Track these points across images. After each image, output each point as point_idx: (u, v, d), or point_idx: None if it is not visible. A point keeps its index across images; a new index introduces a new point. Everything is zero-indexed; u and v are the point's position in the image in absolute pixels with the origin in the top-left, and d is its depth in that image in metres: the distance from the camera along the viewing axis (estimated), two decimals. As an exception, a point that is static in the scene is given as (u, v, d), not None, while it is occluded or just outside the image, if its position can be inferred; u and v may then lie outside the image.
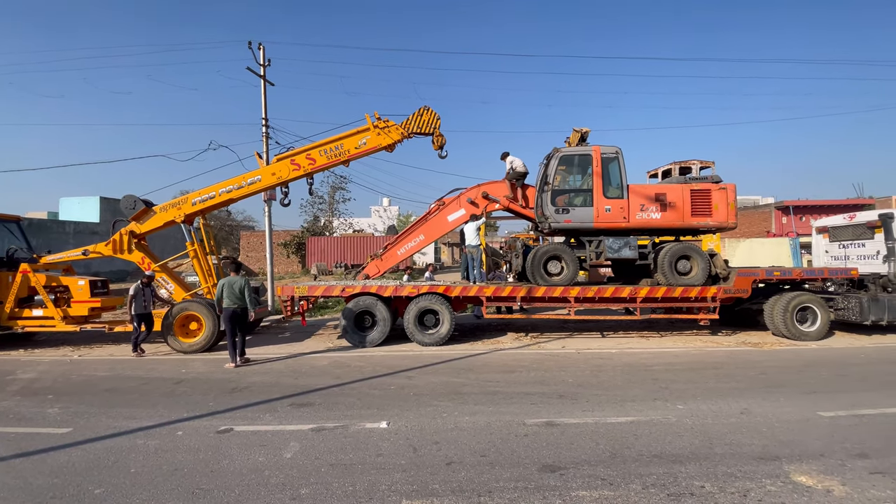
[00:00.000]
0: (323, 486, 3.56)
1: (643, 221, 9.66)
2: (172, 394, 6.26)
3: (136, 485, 3.64)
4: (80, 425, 5.02)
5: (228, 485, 3.61)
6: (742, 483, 3.53)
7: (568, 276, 9.65)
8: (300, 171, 9.99)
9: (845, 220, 10.95)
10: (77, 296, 9.86)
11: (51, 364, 8.37)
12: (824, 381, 6.43)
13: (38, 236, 24.42)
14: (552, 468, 3.81)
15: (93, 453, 4.28)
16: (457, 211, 10.71)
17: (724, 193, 9.76)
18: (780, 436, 4.45)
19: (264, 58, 14.81)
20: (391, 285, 9.74)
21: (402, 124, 9.95)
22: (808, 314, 9.46)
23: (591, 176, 9.71)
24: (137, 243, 10.06)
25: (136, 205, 9.87)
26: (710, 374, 6.89)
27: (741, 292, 9.54)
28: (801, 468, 3.76)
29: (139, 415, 5.33)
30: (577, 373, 7.04)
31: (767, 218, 31.81)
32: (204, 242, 10.29)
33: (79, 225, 30.07)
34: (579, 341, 9.65)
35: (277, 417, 5.18)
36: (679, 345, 9.19)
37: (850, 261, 10.62)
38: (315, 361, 8.16)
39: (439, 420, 5.00)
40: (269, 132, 14.68)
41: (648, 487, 3.47)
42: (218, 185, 10.05)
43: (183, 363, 8.21)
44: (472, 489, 3.48)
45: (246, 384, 6.65)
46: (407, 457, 4.07)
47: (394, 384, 6.55)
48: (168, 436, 4.68)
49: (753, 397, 5.65)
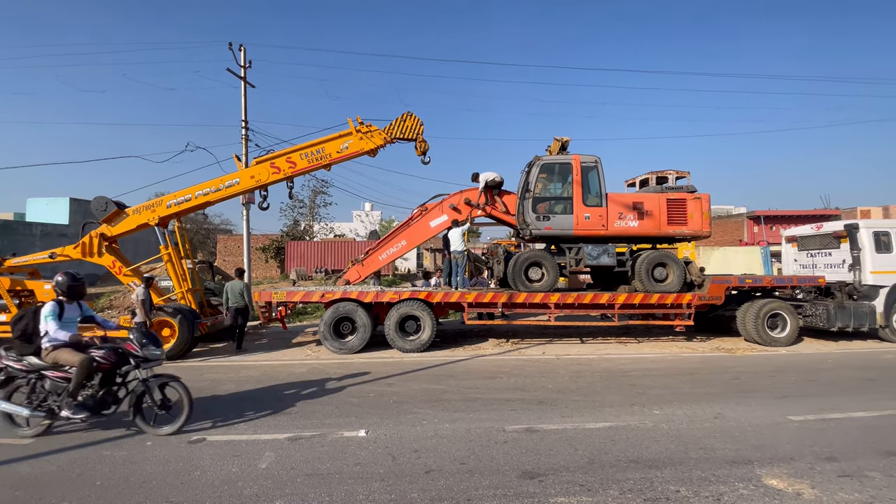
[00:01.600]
0: (298, 496, 3.48)
1: (621, 229, 9.84)
2: (143, 402, 6.04)
3: (103, 498, 3.49)
4: (43, 436, 4.79)
5: (199, 497, 3.49)
6: (716, 487, 3.59)
7: (548, 283, 9.75)
8: (280, 174, 9.85)
9: (813, 230, 11.35)
10: (43, 300, 9.47)
11: (13, 372, 7.99)
12: (794, 386, 6.63)
13: (3, 238, 23.44)
14: (531, 475, 3.81)
15: (56, 465, 4.10)
16: (439, 217, 10.72)
17: (698, 203, 10.02)
18: (752, 440, 4.55)
19: (245, 59, 14.64)
20: (372, 291, 9.66)
21: (385, 129, 9.93)
22: (778, 321, 9.76)
23: (571, 184, 9.86)
24: (108, 246, 9.74)
25: (107, 206, 9.57)
26: (685, 379, 7.03)
27: (715, 299, 9.79)
28: (772, 472, 3.85)
29: (106, 424, 5.11)
30: (556, 379, 7.09)
31: (740, 227, 32.78)
32: (179, 246, 10.03)
33: (47, 227, 28.93)
34: (559, 347, 9.73)
35: (252, 426, 5.05)
36: (656, 350, 9.36)
37: (817, 269, 11.00)
38: (292, 368, 8.01)
39: (419, 427, 4.95)
40: (248, 134, 14.47)
41: (626, 493, 3.50)
42: (195, 187, 9.84)
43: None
44: (451, 497, 3.45)
45: (220, 392, 6.47)
46: (385, 465, 4.02)
47: (373, 391, 6.48)
48: (136, 446, 4.51)
49: (727, 402, 5.78)
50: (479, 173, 10.68)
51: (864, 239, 9.98)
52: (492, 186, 10.60)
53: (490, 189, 10.60)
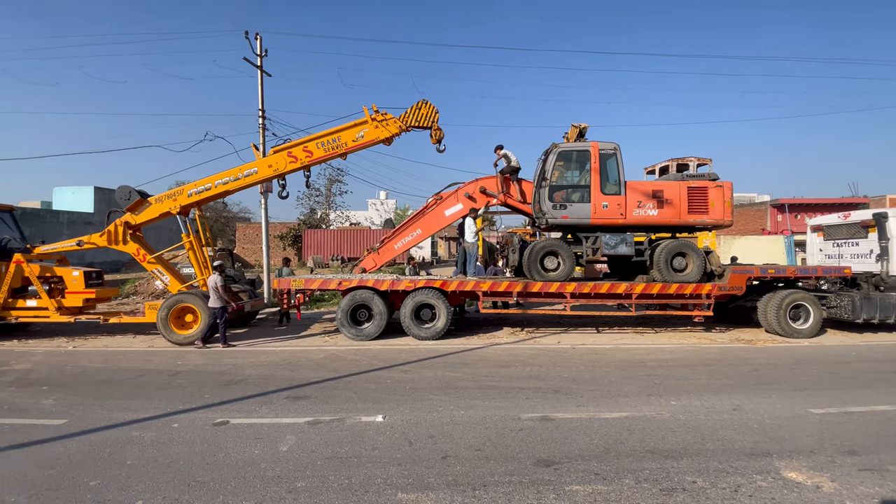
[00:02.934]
0: (319, 479, 3.58)
1: (640, 218, 9.69)
2: (168, 386, 6.26)
3: (132, 477, 3.65)
4: (75, 417, 5.01)
5: (224, 477, 3.62)
6: (733, 478, 3.57)
7: (564, 272, 9.68)
8: (297, 163, 9.93)
9: (840, 219, 11.01)
10: (71, 286, 9.80)
11: (45, 355, 8.34)
12: (816, 379, 6.51)
13: (31, 226, 24.17)
14: (546, 462, 3.85)
15: (88, 445, 4.28)
16: (454, 206, 10.69)
17: (720, 191, 9.79)
18: (771, 432, 4.50)
19: (261, 48, 14.66)
20: (388, 279, 9.74)
21: (401, 117, 9.90)
22: (801, 312, 9.55)
23: (588, 172, 9.71)
24: (132, 234, 10.00)
25: (131, 195, 9.80)
26: (703, 370, 6.96)
27: (735, 290, 9.61)
28: (791, 464, 3.82)
29: (135, 406, 5.33)
30: (571, 368, 7.09)
31: (763, 216, 31.94)
32: (199, 234, 10.24)
33: (73, 215, 29.78)
34: (575, 336, 9.71)
35: (273, 410, 5.19)
36: (673, 341, 9.26)
37: (843, 259, 10.70)
38: (311, 354, 8.18)
39: (435, 414, 5.03)
40: (265, 123, 14.57)
41: (641, 482, 3.51)
42: (214, 176, 9.99)
43: (178, 355, 8.20)
44: (467, 483, 3.51)
45: (242, 377, 6.65)
46: (402, 450, 4.10)
47: (389, 378, 6.58)
48: (164, 428, 4.68)
49: (746, 394, 5.72)
50: (502, 145, 10.65)
51: (893, 228, 9.65)
52: (508, 173, 10.52)
53: (507, 175, 10.53)
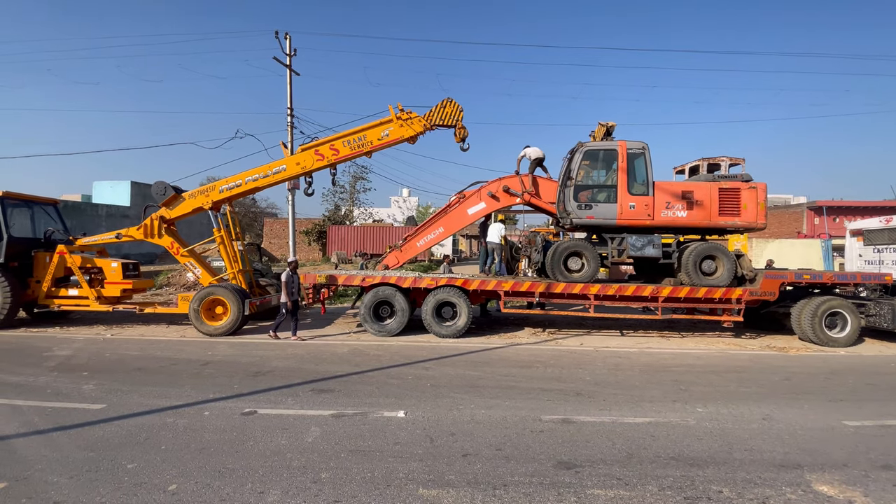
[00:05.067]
0: (342, 471, 3.67)
1: (668, 220, 9.47)
2: (199, 375, 6.49)
3: (167, 461, 3.82)
4: (113, 402, 5.26)
5: (253, 466, 3.75)
6: (761, 490, 3.49)
7: (588, 273, 9.55)
8: (324, 161, 10.11)
9: (881, 224, 10.53)
10: (110, 277, 10.26)
11: (85, 342, 8.76)
12: (851, 390, 6.26)
13: (72, 218, 25.34)
14: (567, 465, 3.84)
15: (126, 429, 4.50)
16: (477, 204, 10.70)
17: (753, 193, 9.48)
18: (802, 444, 4.37)
19: (290, 47, 14.95)
20: (410, 276, 9.83)
21: (425, 116, 9.96)
22: (837, 319, 9.17)
23: (615, 172, 9.55)
24: (167, 228, 10.38)
25: (166, 191, 10.17)
26: (732, 377, 6.78)
27: (768, 295, 9.30)
28: (822, 477, 3.70)
29: (169, 394, 5.56)
30: (594, 371, 7.02)
31: (798, 218, 30.73)
32: (230, 228, 10.55)
33: (111, 208, 31.09)
34: (597, 339, 9.59)
35: (299, 402, 5.33)
36: (701, 346, 9.05)
37: (884, 266, 10.23)
38: (335, 349, 8.34)
39: (456, 412, 5.07)
40: (293, 122, 14.87)
41: (665, 489, 3.47)
42: (244, 173, 10.27)
43: (209, 346, 8.49)
44: (487, 482, 3.54)
45: (269, 368, 6.85)
46: (424, 446, 4.16)
47: (411, 374, 6.65)
48: (196, 416, 4.87)
49: (776, 403, 5.55)
50: (527, 148, 10.68)
51: (941, 234, 9.17)
52: (537, 162, 10.59)
53: (537, 164, 10.60)
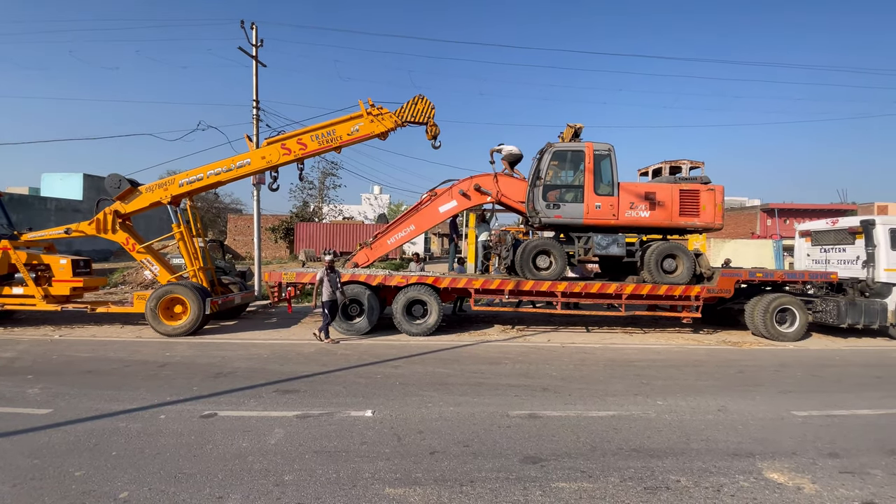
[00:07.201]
0: (307, 472, 3.59)
1: (632, 219, 9.75)
2: (156, 377, 6.21)
3: (118, 468, 3.62)
4: (60, 406, 4.96)
5: (211, 470, 3.61)
6: (716, 478, 3.63)
7: (556, 271, 9.73)
8: (291, 155, 9.87)
9: (828, 225, 11.17)
10: (59, 275, 9.68)
11: (31, 343, 8.24)
12: (799, 382, 6.62)
13: (18, 212, 23.76)
14: (533, 459, 3.88)
15: (73, 435, 4.25)
16: (448, 202, 10.69)
17: (712, 194, 9.88)
18: (754, 433, 4.58)
19: (257, 38, 14.51)
20: (380, 274, 9.73)
21: (396, 112, 9.87)
22: (787, 315, 9.70)
23: (582, 172, 9.76)
24: (122, 223, 9.89)
25: (121, 184, 9.68)
26: (690, 371, 7.05)
27: (724, 292, 9.72)
28: (773, 465, 3.89)
29: (121, 397, 5.29)
30: (560, 366, 7.14)
31: (753, 219, 32.35)
32: (190, 224, 10.15)
33: (61, 202, 29.34)
34: (564, 335, 9.77)
35: (262, 403, 5.17)
36: (661, 342, 9.37)
37: (830, 265, 10.86)
38: (301, 348, 8.15)
39: (424, 410, 5.04)
40: (259, 115, 14.44)
41: (626, 480, 3.56)
42: (206, 166, 9.90)
43: (167, 346, 8.14)
44: (454, 479, 3.53)
45: (231, 369, 6.62)
46: (391, 445, 4.11)
47: (380, 373, 6.58)
48: (151, 419, 4.65)
49: (731, 395, 5.80)
50: (503, 145, 10.80)
51: (879, 236, 9.80)
52: (512, 162, 10.72)
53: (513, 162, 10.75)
